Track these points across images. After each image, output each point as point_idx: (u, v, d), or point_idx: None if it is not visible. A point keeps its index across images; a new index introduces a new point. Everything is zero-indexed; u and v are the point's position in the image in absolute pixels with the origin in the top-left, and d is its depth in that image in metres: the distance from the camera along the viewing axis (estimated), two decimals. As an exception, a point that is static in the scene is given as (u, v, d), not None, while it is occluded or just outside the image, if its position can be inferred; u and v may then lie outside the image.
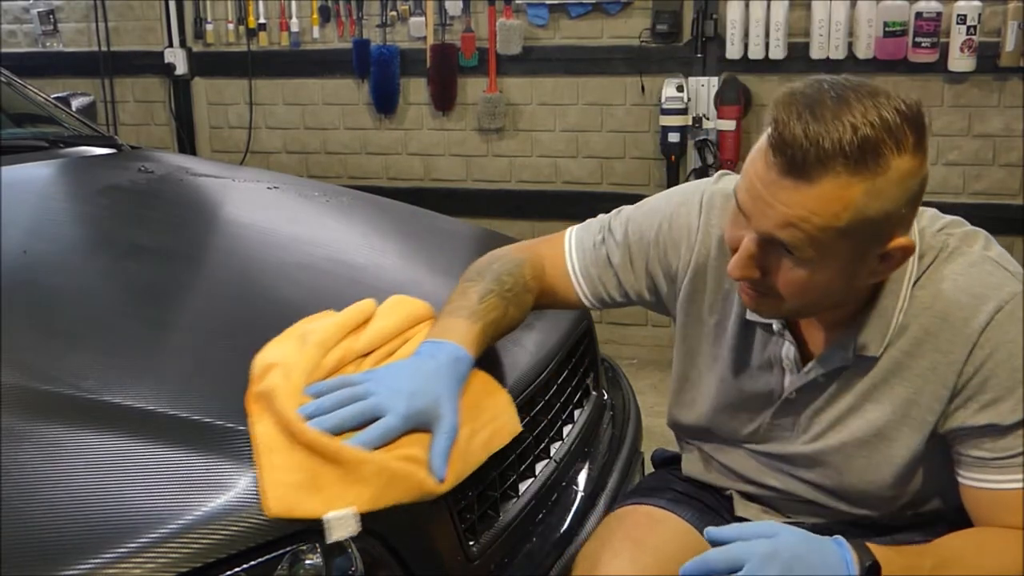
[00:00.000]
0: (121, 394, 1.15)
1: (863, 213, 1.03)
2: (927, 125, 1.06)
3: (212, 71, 4.11)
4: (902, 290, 1.16)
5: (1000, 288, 1.13)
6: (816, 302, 1.14)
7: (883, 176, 1.02)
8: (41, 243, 1.59)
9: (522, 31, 3.65)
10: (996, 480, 1.15)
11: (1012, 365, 1.12)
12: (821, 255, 1.06)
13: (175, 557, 0.95)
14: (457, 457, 1.13)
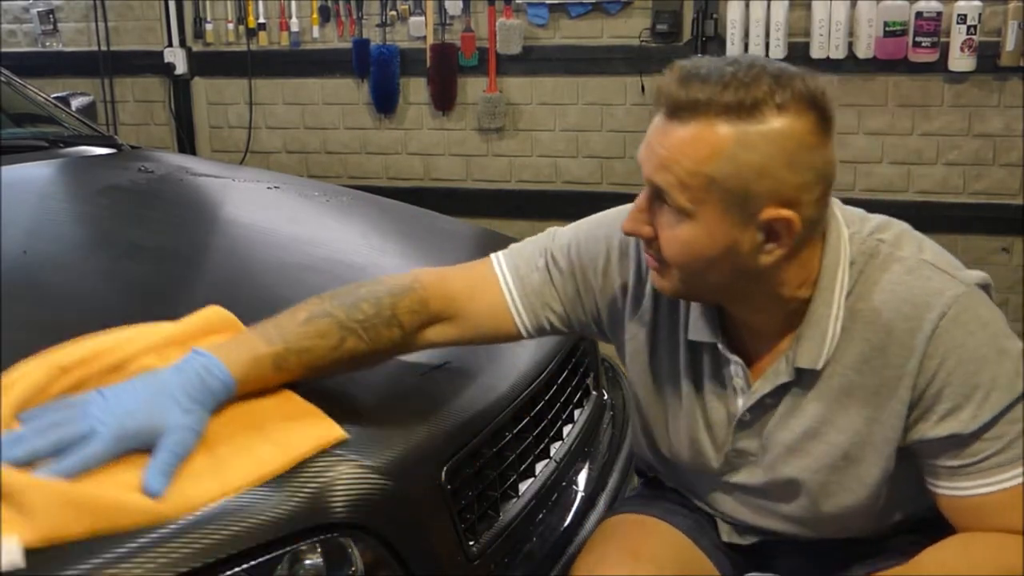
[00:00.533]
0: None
1: (732, 161, 1.01)
2: (829, 108, 1.04)
3: (212, 71, 4.11)
4: (834, 299, 1.12)
5: (941, 293, 1.10)
6: (701, 272, 1.09)
7: (756, 128, 1.00)
8: (41, 243, 1.59)
9: (522, 31, 3.65)
10: (970, 486, 1.13)
11: (965, 371, 1.09)
12: (694, 204, 1.03)
13: (175, 557, 0.95)
14: (206, 473, 1.02)
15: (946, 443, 1.12)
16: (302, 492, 1.06)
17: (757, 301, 1.14)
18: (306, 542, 1.05)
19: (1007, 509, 1.12)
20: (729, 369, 1.20)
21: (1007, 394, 1.10)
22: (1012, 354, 1.11)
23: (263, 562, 1.01)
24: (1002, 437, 1.10)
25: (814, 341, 1.13)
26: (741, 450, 1.24)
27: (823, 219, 1.11)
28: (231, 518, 1.00)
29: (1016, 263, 3.42)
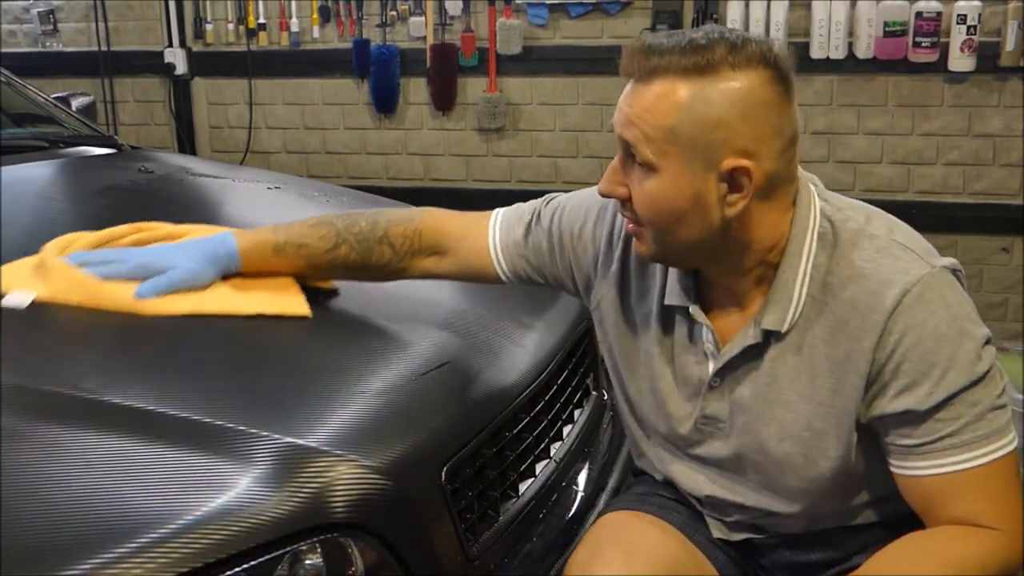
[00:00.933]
0: (121, 394, 1.15)
1: (690, 114, 1.08)
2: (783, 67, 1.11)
3: (212, 71, 4.11)
4: (800, 264, 1.16)
5: (907, 272, 1.13)
6: (670, 227, 1.14)
7: (712, 84, 1.08)
8: (41, 243, 1.59)
9: (522, 31, 3.65)
10: (924, 467, 1.14)
11: (924, 348, 1.11)
12: (658, 158, 1.10)
13: (175, 557, 0.95)
14: (191, 298, 1.35)
15: (902, 419, 1.14)
16: (302, 492, 1.06)
17: (729, 262, 1.18)
18: (306, 542, 1.05)
19: (960, 493, 1.13)
20: (701, 334, 1.24)
21: (964, 376, 1.11)
22: (974, 337, 1.13)
23: (263, 562, 1.02)
24: (958, 419, 1.12)
25: (780, 304, 1.17)
26: (711, 416, 1.26)
27: (788, 178, 1.16)
28: (231, 518, 1.00)
29: (1016, 263, 3.42)
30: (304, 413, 1.18)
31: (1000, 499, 1.14)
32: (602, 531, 1.36)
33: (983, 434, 1.12)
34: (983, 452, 1.13)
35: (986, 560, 1.12)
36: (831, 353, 1.16)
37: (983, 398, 1.13)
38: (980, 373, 1.13)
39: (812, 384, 1.18)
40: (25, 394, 1.14)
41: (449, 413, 1.30)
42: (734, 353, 1.21)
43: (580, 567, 1.30)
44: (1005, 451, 1.13)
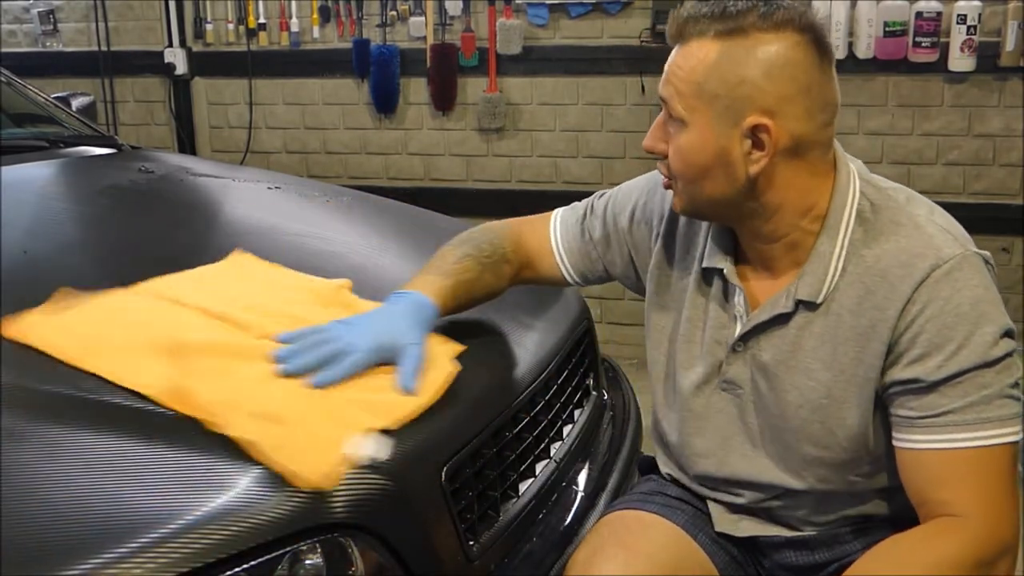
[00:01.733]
0: (121, 394, 1.15)
1: (716, 72, 1.14)
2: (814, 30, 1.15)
3: (212, 71, 4.11)
4: (839, 238, 1.19)
5: (940, 249, 1.15)
6: (696, 180, 1.19)
7: (741, 44, 1.14)
8: (41, 243, 1.59)
9: (522, 31, 3.65)
10: (922, 440, 1.14)
11: (942, 322, 1.12)
12: (688, 113, 1.16)
13: (175, 557, 0.95)
14: (426, 387, 1.22)
15: (909, 388, 1.15)
16: (302, 492, 1.06)
17: (760, 223, 1.21)
18: (306, 542, 1.05)
19: (952, 474, 1.13)
20: (734, 296, 1.27)
21: (977, 356, 1.12)
22: (994, 322, 1.14)
23: (263, 562, 1.01)
24: (964, 397, 1.12)
25: (816, 276, 1.19)
26: (731, 381, 1.28)
27: (820, 143, 1.18)
28: (231, 518, 1.00)
29: (1016, 263, 3.42)
30: (304, 413, 1.18)
31: (990, 487, 1.13)
32: (603, 530, 1.37)
33: (986, 418, 1.12)
34: (983, 435, 1.12)
35: (964, 557, 1.11)
36: (856, 322, 1.18)
37: (993, 383, 1.13)
38: (994, 357, 1.13)
39: (835, 353, 1.19)
40: (25, 394, 1.14)
41: (449, 413, 1.30)
42: (763, 319, 1.23)
43: (581, 566, 1.30)
44: (1006, 440, 1.13)
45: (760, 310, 1.24)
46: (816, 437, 1.23)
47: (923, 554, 1.12)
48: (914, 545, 1.14)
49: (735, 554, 1.37)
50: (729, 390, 1.29)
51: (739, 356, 1.27)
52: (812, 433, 1.23)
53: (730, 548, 1.37)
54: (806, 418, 1.22)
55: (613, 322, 3.79)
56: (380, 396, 1.19)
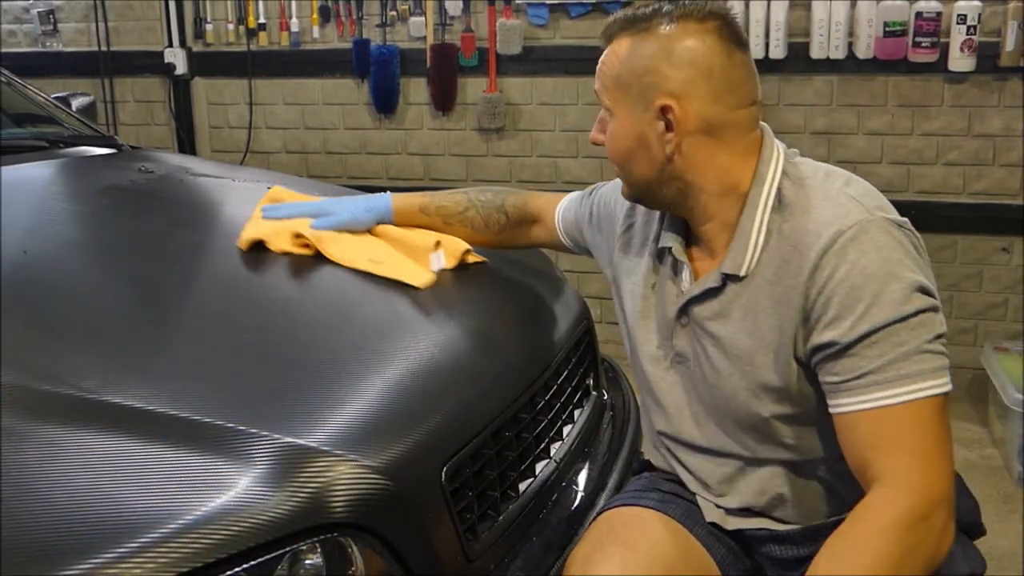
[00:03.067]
0: (121, 394, 1.15)
1: (628, 64, 1.28)
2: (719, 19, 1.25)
3: (212, 71, 4.11)
4: (758, 213, 1.26)
5: (846, 216, 1.20)
6: (624, 163, 1.34)
7: (646, 39, 1.27)
8: (41, 243, 1.59)
9: (522, 31, 3.65)
10: (850, 403, 1.17)
11: (851, 284, 1.16)
12: (612, 103, 1.31)
13: (175, 557, 0.95)
14: (342, 245, 1.65)
15: (828, 353, 1.18)
16: (302, 492, 1.06)
17: (691, 203, 1.31)
18: (306, 542, 1.05)
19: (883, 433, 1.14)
20: (682, 273, 1.36)
21: (888, 313, 1.15)
22: (902, 279, 1.16)
23: (263, 562, 1.02)
24: (881, 356, 1.15)
25: (738, 251, 1.27)
26: (680, 353, 1.36)
27: (733, 124, 1.26)
28: (231, 518, 1.00)
29: (1016, 263, 3.42)
30: (304, 413, 1.18)
31: (917, 443, 1.14)
32: (601, 527, 1.37)
33: (906, 373, 1.14)
34: (906, 390, 1.14)
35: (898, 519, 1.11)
36: (773, 291, 1.24)
37: (910, 339, 1.15)
38: (906, 313, 1.15)
39: (756, 321, 1.26)
40: (25, 394, 1.14)
41: (449, 413, 1.30)
42: (695, 293, 1.32)
43: (580, 564, 1.31)
44: (926, 394, 1.14)
45: (694, 285, 1.32)
46: (745, 403, 1.28)
47: (864, 532, 1.12)
48: (854, 527, 1.13)
49: (731, 545, 1.39)
50: (680, 362, 1.37)
51: (685, 329, 1.35)
52: (742, 400, 1.29)
53: (726, 540, 1.38)
54: (736, 385, 1.29)
55: (613, 322, 3.76)
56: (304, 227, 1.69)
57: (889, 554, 1.09)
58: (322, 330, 1.44)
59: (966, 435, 3.10)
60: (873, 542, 1.10)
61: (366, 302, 1.56)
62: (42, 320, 1.33)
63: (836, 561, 1.12)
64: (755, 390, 1.27)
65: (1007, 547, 2.45)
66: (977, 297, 3.46)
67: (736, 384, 1.29)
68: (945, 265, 3.44)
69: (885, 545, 1.10)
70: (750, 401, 1.28)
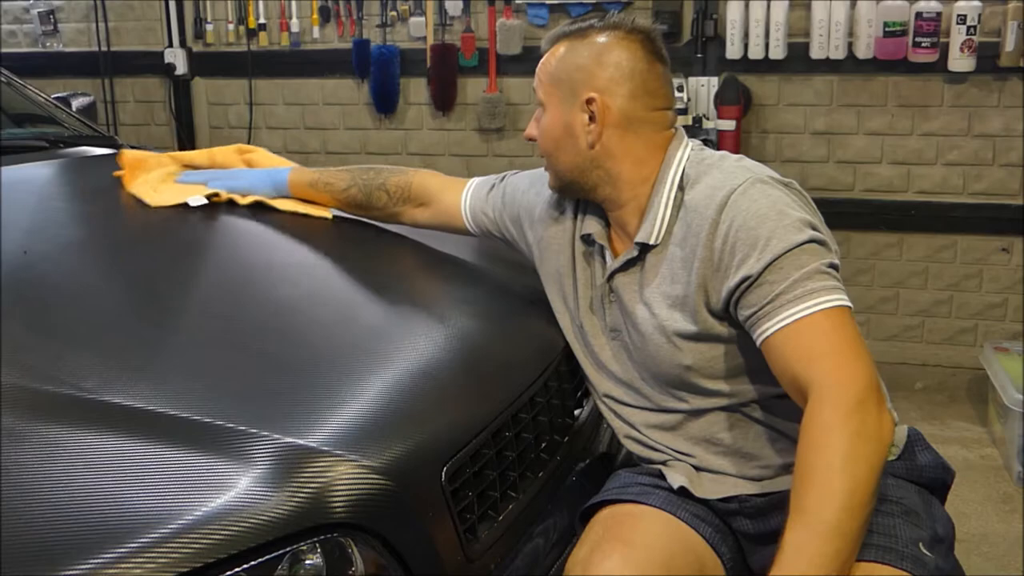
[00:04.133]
0: (121, 394, 1.15)
1: (562, 61, 1.45)
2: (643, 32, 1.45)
3: (212, 71, 4.11)
4: (665, 190, 1.42)
5: (735, 178, 1.36)
6: (554, 153, 1.47)
7: (581, 44, 1.45)
8: (41, 243, 1.59)
9: (522, 31, 3.65)
10: (768, 327, 1.28)
11: (748, 227, 1.31)
12: (546, 97, 1.47)
13: (175, 557, 0.95)
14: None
15: (742, 290, 1.30)
16: (302, 492, 1.06)
17: (608, 191, 1.46)
18: (306, 542, 1.05)
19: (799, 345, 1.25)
20: (604, 255, 1.50)
21: (785, 242, 1.28)
22: (792, 216, 1.31)
23: (263, 562, 1.02)
24: (787, 278, 1.27)
25: (648, 222, 1.42)
26: (614, 328, 1.50)
27: (648, 122, 1.43)
28: (231, 518, 1.00)
29: (1016, 263, 3.42)
30: (304, 413, 1.18)
31: (833, 345, 1.24)
32: (597, 528, 1.39)
33: (812, 288, 1.26)
34: (815, 302, 1.25)
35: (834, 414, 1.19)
36: (681, 252, 1.39)
37: (809, 261, 1.27)
38: (802, 240, 1.28)
39: (671, 281, 1.40)
40: (25, 394, 1.14)
41: (449, 413, 1.30)
42: (616, 266, 1.47)
43: (581, 565, 1.32)
44: (836, 303, 1.26)
45: (616, 260, 1.47)
46: (669, 356, 1.41)
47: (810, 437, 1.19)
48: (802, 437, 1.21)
49: (715, 523, 1.43)
50: (616, 337, 1.50)
51: (613, 304, 1.49)
52: (665, 354, 1.41)
53: (709, 518, 1.43)
54: (658, 341, 1.42)
55: (613, 322, 3.79)
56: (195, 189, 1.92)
57: (838, 446, 1.17)
58: (322, 330, 1.44)
59: (966, 435, 3.10)
60: (820, 440, 1.18)
61: (366, 302, 1.56)
62: (42, 320, 1.33)
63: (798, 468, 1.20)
64: (675, 340, 1.40)
65: (1007, 547, 2.45)
66: (977, 297, 3.46)
67: (659, 340, 1.41)
68: (945, 265, 3.44)
69: (832, 439, 1.18)
70: (673, 353, 1.40)
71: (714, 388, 1.41)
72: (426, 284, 1.73)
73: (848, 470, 1.16)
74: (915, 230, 3.41)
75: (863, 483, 1.16)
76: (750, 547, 1.44)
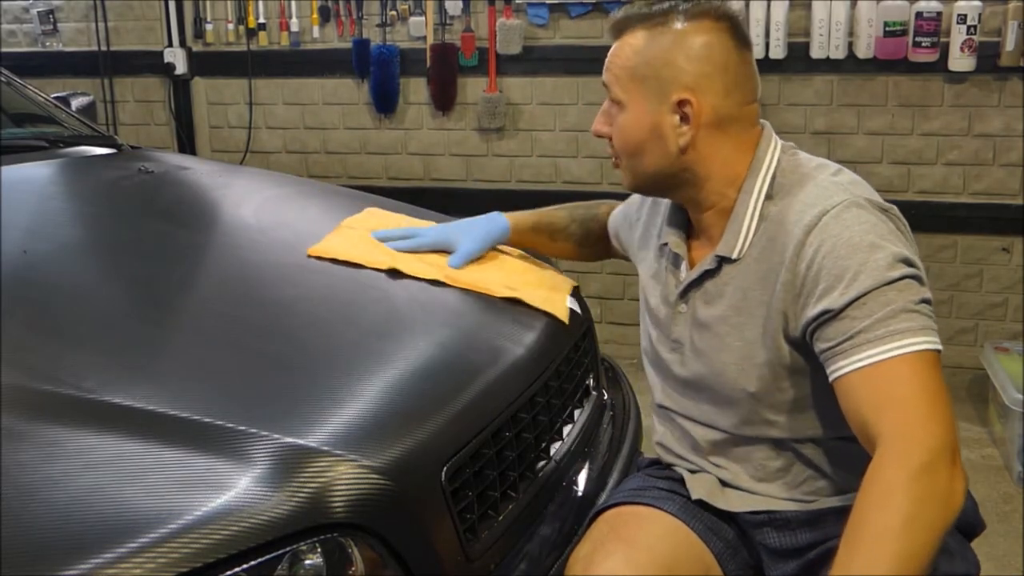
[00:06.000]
0: (121, 394, 1.15)
1: (644, 56, 1.31)
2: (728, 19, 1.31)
3: (212, 71, 4.11)
4: (751, 200, 1.32)
5: (830, 197, 1.26)
6: (635, 154, 1.35)
7: (663, 33, 1.30)
8: (41, 243, 1.59)
9: (522, 31, 3.65)
10: (844, 365, 1.18)
11: (837, 255, 1.21)
12: (625, 94, 1.33)
13: (175, 557, 0.95)
14: (475, 274, 1.67)
15: (821, 321, 1.21)
16: (302, 492, 1.06)
17: (692, 192, 1.36)
18: (306, 542, 1.05)
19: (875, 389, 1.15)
20: (681, 265, 1.42)
21: (874, 279, 1.18)
22: (885, 249, 1.20)
23: (263, 562, 1.02)
24: (870, 316, 1.17)
25: (732, 233, 1.33)
26: (676, 340, 1.42)
27: (740, 119, 1.33)
28: (231, 518, 1.00)
29: (1016, 263, 3.42)
30: (304, 413, 1.18)
31: (914, 396, 1.13)
32: (602, 526, 1.39)
33: (896, 329, 1.16)
34: (897, 345, 1.15)
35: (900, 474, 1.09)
36: (759, 268, 1.30)
37: (896, 300, 1.17)
38: (892, 278, 1.18)
39: (746, 298, 1.31)
40: (25, 394, 1.14)
41: (449, 413, 1.30)
42: (692, 278, 1.37)
43: (582, 564, 1.31)
44: (921, 347, 1.15)
45: (692, 271, 1.38)
46: (733, 379, 1.33)
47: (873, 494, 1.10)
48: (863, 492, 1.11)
49: (729, 539, 1.40)
50: (676, 349, 1.42)
51: (682, 317, 1.40)
52: (730, 376, 1.33)
53: (723, 532, 1.40)
54: (725, 361, 1.34)
55: (613, 322, 3.79)
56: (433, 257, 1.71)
57: (901, 508, 1.07)
58: (322, 330, 1.44)
59: (966, 435, 3.10)
60: (882, 499, 1.08)
61: (366, 302, 1.56)
62: (42, 320, 1.32)
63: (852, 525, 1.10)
64: (743, 365, 1.32)
65: (1007, 547, 2.45)
66: (977, 297, 3.46)
67: (725, 360, 1.34)
68: (945, 265, 3.44)
69: (895, 500, 1.07)
70: (737, 376, 1.33)
71: (772, 418, 1.33)
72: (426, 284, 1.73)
73: (908, 536, 1.05)
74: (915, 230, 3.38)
75: (921, 550, 1.06)
76: (772, 561, 1.38)
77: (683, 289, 1.39)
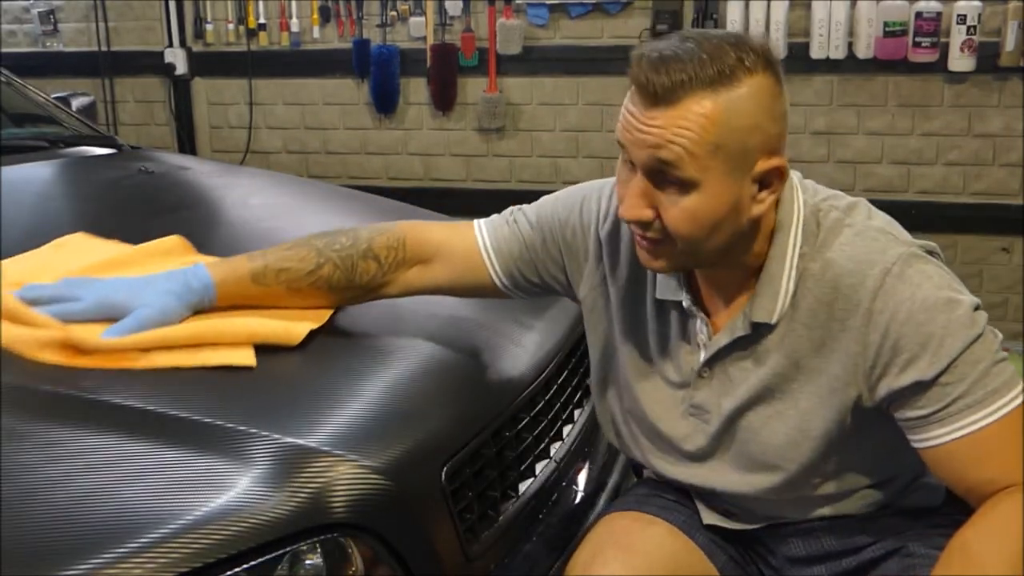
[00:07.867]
0: (121, 394, 1.15)
1: (727, 125, 1.08)
2: (777, 61, 1.13)
3: (212, 71, 4.11)
4: (787, 257, 1.18)
5: (884, 252, 1.16)
6: (706, 238, 1.14)
7: (737, 91, 1.09)
8: (41, 243, 1.59)
9: (522, 31, 3.65)
10: (943, 433, 1.14)
11: (916, 321, 1.12)
12: (701, 173, 1.09)
13: (175, 557, 0.95)
14: (158, 342, 1.23)
15: (912, 392, 1.14)
16: (302, 492, 1.06)
17: (733, 257, 1.19)
18: (306, 542, 1.05)
19: (985, 452, 1.13)
20: (695, 325, 1.26)
21: (961, 340, 1.12)
22: (962, 303, 1.14)
23: (263, 562, 1.02)
24: (964, 379, 1.12)
25: (768, 297, 1.19)
26: (698, 406, 1.27)
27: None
28: (231, 518, 1.00)
29: (1016, 263, 3.42)
30: (304, 413, 1.18)
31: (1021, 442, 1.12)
32: (603, 532, 1.37)
33: (992, 388, 1.12)
34: (998, 406, 1.12)
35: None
36: (812, 335, 1.18)
37: (984, 355, 1.13)
38: (976, 334, 1.13)
39: (798, 367, 1.20)
40: (25, 394, 1.14)
41: (449, 413, 1.30)
42: (724, 343, 1.23)
43: (581, 568, 1.31)
44: (1018, 401, 1.13)
45: (720, 335, 1.23)
46: (785, 452, 1.23)
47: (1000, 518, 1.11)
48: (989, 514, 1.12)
49: (733, 553, 1.38)
50: (697, 415, 1.28)
51: (705, 382, 1.26)
52: (778, 444, 1.23)
53: (728, 547, 1.37)
54: (775, 429, 1.23)
55: (613, 322, 3.79)
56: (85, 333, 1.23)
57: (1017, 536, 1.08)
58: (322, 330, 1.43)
59: (966, 435, 3.10)
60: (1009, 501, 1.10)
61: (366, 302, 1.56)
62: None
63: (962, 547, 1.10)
64: (796, 437, 1.22)
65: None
66: (977, 297, 3.46)
67: (776, 429, 1.23)
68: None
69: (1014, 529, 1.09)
70: (792, 450, 1.23)
71: (815, 481, 1.26)
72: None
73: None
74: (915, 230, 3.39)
75: None
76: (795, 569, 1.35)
77: (711, 356, 1.24)
